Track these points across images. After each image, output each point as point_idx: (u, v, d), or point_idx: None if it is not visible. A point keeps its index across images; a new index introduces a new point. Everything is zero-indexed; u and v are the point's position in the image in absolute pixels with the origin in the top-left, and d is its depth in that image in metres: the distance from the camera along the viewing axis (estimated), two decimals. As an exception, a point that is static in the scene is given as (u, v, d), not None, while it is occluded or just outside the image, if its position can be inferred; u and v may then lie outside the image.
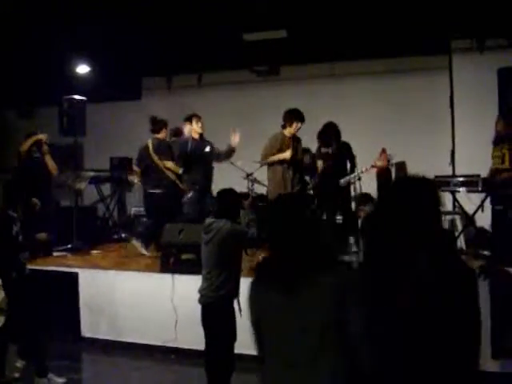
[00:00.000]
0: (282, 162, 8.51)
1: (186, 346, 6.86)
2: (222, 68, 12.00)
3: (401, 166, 10.59)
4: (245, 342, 4.35)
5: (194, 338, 5.93)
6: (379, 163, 8.54)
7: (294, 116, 8.55)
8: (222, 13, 8.70)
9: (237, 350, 5.22)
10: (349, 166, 8.65)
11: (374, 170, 9.22)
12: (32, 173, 8.94)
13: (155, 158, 9.14)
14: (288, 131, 8.57)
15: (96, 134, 11.69)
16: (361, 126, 9.19)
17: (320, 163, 8.68)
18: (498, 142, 8.02)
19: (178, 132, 9.83)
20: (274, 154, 8.53)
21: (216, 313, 5.20)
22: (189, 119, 9.16)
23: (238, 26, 9.48)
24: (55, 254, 8.99)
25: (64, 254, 9.04)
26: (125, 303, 7.36)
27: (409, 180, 2.97)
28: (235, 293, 5.24)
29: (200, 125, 8.90)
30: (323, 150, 8.57)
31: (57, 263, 8.32)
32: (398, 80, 11.34)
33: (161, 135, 9.34)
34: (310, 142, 10.75)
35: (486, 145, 9.18)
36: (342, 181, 8.39)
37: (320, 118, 10.48)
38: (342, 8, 8.55)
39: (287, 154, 8.46)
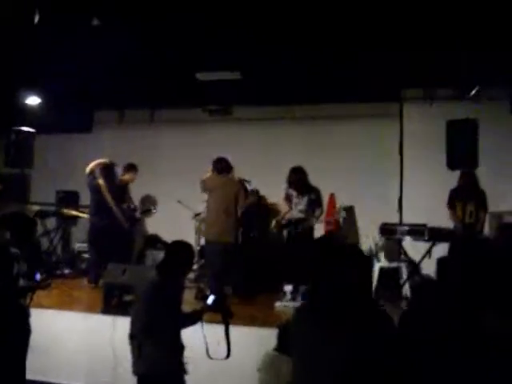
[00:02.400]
0: None
1: (124, 390, 6.68)
2: (174, 105, 11.97)
3: (349, 211, 10.67)
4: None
5: (133, 383, 5.77)
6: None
7: None
8: (176, 51, 8.69)
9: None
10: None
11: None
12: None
13: None
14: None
15: (44, 166, 11.50)
16: (309, 169, 9.20)
17: (284, 206, 8.72)
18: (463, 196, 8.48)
19: None
20: None
21: None
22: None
23: (192, 65, 9.48)
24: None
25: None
26: (63, 344, 7.14)
27: None
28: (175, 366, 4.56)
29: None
30: (289, 191, 8.62)
31: (-5, 299, 8.04)
32: (348, 125, 11.44)
33: None
34: (260, 184, 10.79)
35: (433, 194, 9.36)
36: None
37: (271, 159, 10.56)
38: (295, 52, 8.62)
39: None
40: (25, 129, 9.73)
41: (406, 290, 8.43)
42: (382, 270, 8.84)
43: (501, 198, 9.22)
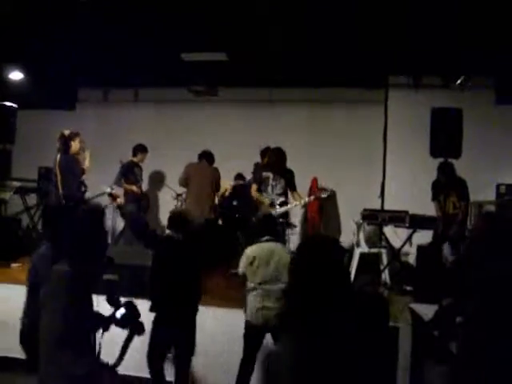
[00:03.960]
0: None
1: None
2: (159, 85, 11.89)
3: (330, 196, 10.67)
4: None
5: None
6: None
7: None
8: (162, 30, 8.63)
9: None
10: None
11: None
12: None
13: None
14: None
15: (26, 142, 11.39)
16: (294, 152, 9.17)
17: (254, 187, 8.59)
18: (444, 188, 8.56)
19: None
20: None
21: None
22: None
23: (178, 45, 9.41)
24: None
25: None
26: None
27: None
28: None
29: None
30: (264, 174, 8.46)
31: (-28, 275, 8.01)
32: (333, 110, 11.47)
33: None
34: (244, 166, 10.79)
35: (415, 181, 9.39)
36: (279, 210, 8.28)
37: (256, 142, 10.54)
38: (281, 35, 8.59)
39: None
40: (7, 104, 9.62)
41: (386, 275, 8.48)
42: (362, 255, 8.89)
43: (482, 188, 9.29)
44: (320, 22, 8.01)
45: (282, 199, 8.26)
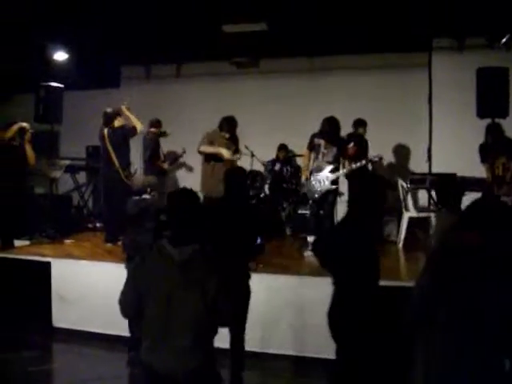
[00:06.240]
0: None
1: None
2: (201, 59, 11.94)
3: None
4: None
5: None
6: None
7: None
8: (202, 3, 8.63)
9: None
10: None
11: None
12: (8, 159, 8.75)
13: None
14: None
15: (73, 122, 11.56)
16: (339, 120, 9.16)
17: (307, 154, 8.63)
18: (493, 150, 8.36)
19: None
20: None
21: None
22: None
23: (218, 17, 9.41)
24: (28, 242, 8.92)
25: (37, 242, 8.96)
26: (97, 294, 7.28)
27: None
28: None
29: None
30: (316, 141, 8.49)
31: (29, 252, 8.23)
32: (377, 76, 11.34)
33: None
34: (288, 136, 10.79)
35: (463, 143, 9.29)
36: (330, 176, 8.31)
37: (298, 112, 10.52)
38: (323, 3, 8.53)
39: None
40: (53, 84, 9.77)
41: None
42: (411, 219, 8.88)
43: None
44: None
45: (332, 166, 8.28)
